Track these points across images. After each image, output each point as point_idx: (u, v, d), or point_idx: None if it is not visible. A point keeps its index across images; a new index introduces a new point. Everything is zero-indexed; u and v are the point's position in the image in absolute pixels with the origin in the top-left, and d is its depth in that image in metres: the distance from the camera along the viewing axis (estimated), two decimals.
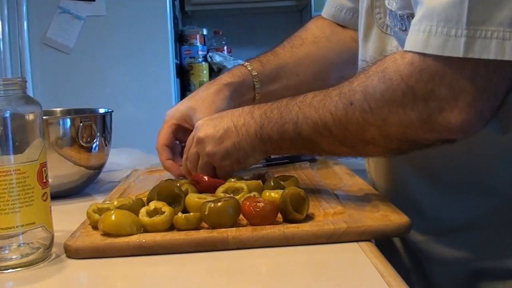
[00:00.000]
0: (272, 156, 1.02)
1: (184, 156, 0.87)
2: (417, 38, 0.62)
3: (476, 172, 0.73)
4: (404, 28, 0.72)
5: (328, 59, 1.03)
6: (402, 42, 0.72)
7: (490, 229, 0.73)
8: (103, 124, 0.99)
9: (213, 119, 0.84)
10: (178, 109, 0.94)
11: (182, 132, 0.94)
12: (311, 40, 1.03)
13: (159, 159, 0.93)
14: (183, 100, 0.96)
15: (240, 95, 0.96)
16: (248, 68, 0.98)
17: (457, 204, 0.75)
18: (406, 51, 0.64)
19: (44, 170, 0.63)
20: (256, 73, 0.98)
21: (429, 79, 0.62)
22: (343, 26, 1.03)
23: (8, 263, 0.60)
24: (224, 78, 0.96)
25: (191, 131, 0.88)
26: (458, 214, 0.75)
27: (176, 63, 2.65)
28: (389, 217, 0.66)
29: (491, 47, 0.58)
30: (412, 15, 0.67)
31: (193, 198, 0.70)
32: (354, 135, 0.70)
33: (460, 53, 0.59)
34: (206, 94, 0.93)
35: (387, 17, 0.77)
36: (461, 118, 0.62)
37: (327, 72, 1.03)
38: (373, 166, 0.90)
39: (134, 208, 0.69)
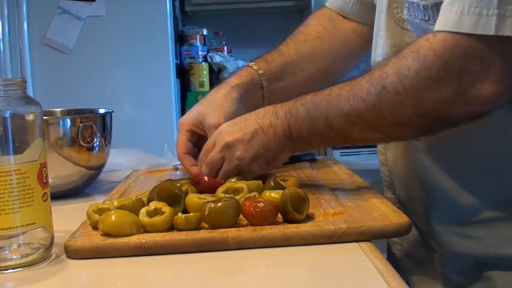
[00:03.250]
0: None
1: (203, 160, 0.86)
2: (449, 18, 0.66)
3: (490, 161, 0.75)
4: (427, 18, 0.73)
5: (332, 54, 1.04)
6: (421, 33, 0.74)
7: (501, 220, 0.74)
8: (103, 124, 0.99)
9: (237, 123, 0.83)
10: (189, 116, 0.95)
11: (196, 137, 0.95)
12: (314, 35, 1.04)
13: (184, 167, 0.93)
14: (194, 106, 0.97)
15: (249, 95, 0.98)
16: (254, 67, 0.99)
17: (470, 194, 0.76)
18: (437, 31, 0.67)
19: (44, 170, 0.63)
20: (262, 72, 0.99)
21: (461, 55, 0.66)
22: (343, 17, 1.04)
23: (8, 263, 0.60)
24: (232, 80, 0.97)
25: (204, 136, 0.90)
26: (471, 204, 0.76)
27: (176, 63, 2.65)
28: (389, 217, 0.66)
29: None
30: (436, 5, 0.70)
31: (193, 198, 0.70)
32: (388, 119, 0.71)
33: (491, 31, 0.63)
34: (214, 98, 0.94)
35: (405, 11, 0.78)
36: (491, 90, 0.66)
37: (332, 66, 1.05)
38: (391, 158, 0.90)
39: (134, 208, 0.69)
